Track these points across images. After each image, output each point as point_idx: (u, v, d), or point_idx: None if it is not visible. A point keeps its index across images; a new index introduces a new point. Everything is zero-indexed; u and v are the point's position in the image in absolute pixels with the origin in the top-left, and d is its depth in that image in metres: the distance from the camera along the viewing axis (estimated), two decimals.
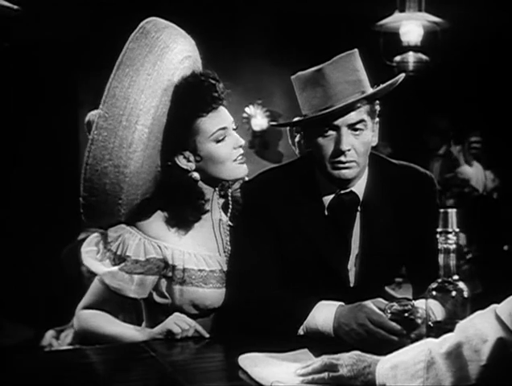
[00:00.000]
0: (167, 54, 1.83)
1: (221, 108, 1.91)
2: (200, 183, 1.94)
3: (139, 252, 1.88)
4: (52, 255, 3.78)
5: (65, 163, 5.20)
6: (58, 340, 3.46)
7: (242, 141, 1.94)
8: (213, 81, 1.90)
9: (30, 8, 3.71)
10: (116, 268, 1.87)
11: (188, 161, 1.91)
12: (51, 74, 5.06)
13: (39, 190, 4.95)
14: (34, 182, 5.00)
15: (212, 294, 1.92)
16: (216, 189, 1.99)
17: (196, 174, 1.92)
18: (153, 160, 1.88)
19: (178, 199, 1.91)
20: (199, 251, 1.93)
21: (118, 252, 1.88)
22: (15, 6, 3.61)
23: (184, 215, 1.92)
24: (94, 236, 1.94)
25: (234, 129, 1.95)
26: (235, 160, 1.91)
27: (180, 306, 1.91)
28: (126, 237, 1.89)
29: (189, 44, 1.95)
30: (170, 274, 1.90)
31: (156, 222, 1.91)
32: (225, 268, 1.95)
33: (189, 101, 1.86)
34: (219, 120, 1.89)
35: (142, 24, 1.83)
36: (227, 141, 1.90)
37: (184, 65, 1.90)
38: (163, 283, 1.91)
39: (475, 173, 5.99)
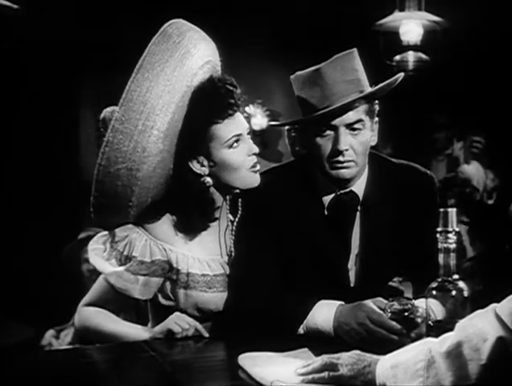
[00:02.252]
0: (188, 59, 1.82)
1: (237, 114, 1.90)
2: (212, 190, 1.93)
3: (145, 253, 1.88)
4: (52, 254, 3.78)
5: (66, 163, 5.20)
6: (58, 339, 3.45)
7: (256, 149, 1.92)
8: (231, 87, 1.88)
9: (31, 7, 3.71)
10: (122, 268, 1.87)
11: (202, 165, 1.89)
12: (52, 74, 5.06)
13: (40, 190, 4.95)
14: (34, 181, 4.99)
15: (216, 298, 1.92)
16: (227, 197, 1.98)
17: (208, 179, 1.90)
18: (166, 164, 1.87)
19: (188, 205, 1.90)
20: (202, 255, 1.93)
21: (125, 252, 1.88)
22: (15, 6, 3.61)
23: (193, 222, 1.91)
24: (101, 235, 1.95)
25: (249, 134, 1.93)
26: (248, 168, 1.90)
27: (185, 310, 1.91)
28: (133, 237, 1.89)
29: (210, 48, 1.94)
30: (174, 277, 1.90)
31: (164, 225, 1.91)
32: (228, 271, 1.95)
33: (205, 108, 1.85)
34: (234, 126, 1.88)
35: (164, 27, 1.81)
36: (241, 147, 1.89)
37: (204, 70, 1.89)
38: (168, 286, 1.92)
39: (476, 172, 5.97)
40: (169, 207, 1.92)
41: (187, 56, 1.82)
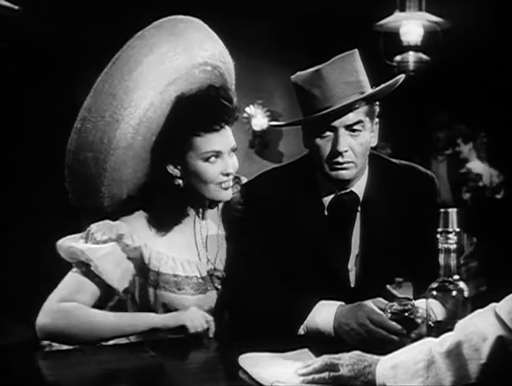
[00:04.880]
0: (170, 58, 1.79)
1: (224, 130, 1.84)
2: (184, 189, 1.89)
3: (128, 237, 1.85)
4: (52, 254, 3.77)
5: (64, 163, 5.20)
6: None
7: (231, 170, 1.87)
8: (225, 102, 1.84)
9: (31, 7, 3.71)
10: (110, 244, 1.82)
11: (175, 168, 1.87)
12: (52, 73, 5.06)
13: (39, 190, 4.95)
14: (34, 181, 5.00)
15: (184, 301, 1.87)
16: (207, 201, 1.95)
17: (180, 182, 1.88)
18: (141, 159, 1.85)
19: (160, 200, 1.89)
20: (178, 255, 1.90)
21: (104, 237, 1.83)
22: (16, 7, 3.61)
23: (166, 218, 1.89)
24: (75, 236, 1.89)
25: (233, 150, 1.88)
26: (219, 183, 1.86)
27: (154, 310, 1.87)
28: (113, 225, 1.86)
29: (210, 49, 1.89)
30: (145, 275, 1.87)
31: (138, 218, 1.89)
32: (203, 275, 1.91)
33: (190, 117, 1.81)
34: (214, 142, 1.83)
35: (157, 22, 1.82)
36: (217, 164, 1.85)
37: (194, 72, 1.84)
38: (138, 283, 1.88)
39: (485, 168, 5.98)
40: (143, 201, 1.90)
41: (170, 56, 1.79)
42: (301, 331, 1.77)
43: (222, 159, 1.86)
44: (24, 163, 5.06)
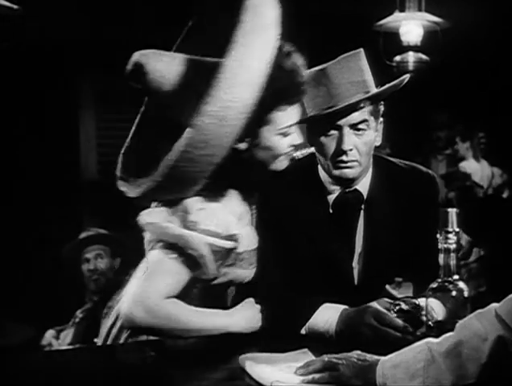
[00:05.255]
0: (267, 31, 1.68)
1: (299, 103, 1.81)
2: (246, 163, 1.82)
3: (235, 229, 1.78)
4: (53, 254, 3.78)
5: (65, 163, 5.20)
6: (58, 340, 3.46)
7: (299, 141, 1.84)
8: (301, 72, 1.78)
9: (31, 7, 3.71)
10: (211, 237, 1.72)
11: (245, 142, 1.78)
12: (52, 73, 5.06)
13: (40, 190, 4.95)
14: (34, 181, 5.00)
15: (249, 275, 1.86)
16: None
17: (245, 155, 1.80)
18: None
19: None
20: (245, 228, 1.85)
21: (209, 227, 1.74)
22: (15, 6, 3.60)
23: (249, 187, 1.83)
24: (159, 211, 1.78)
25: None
26: (286, 155, 1.83)
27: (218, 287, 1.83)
28: (213, 207, 1.77)
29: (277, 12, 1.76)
30: (225, 257, 1.80)
31: (233, 198, 1.82)
32: None
33: (279, 94, 1.73)
34: (292, 116, 1.79)
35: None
36: (289, 137, 1.81)
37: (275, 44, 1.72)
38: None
39: (480, 169, 5.96)
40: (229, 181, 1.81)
41: (267, 28, 1.68)
42: (302, 331, 1.77)
43: (293, 132, 1.83)
44: (24, 163, 5.06)
